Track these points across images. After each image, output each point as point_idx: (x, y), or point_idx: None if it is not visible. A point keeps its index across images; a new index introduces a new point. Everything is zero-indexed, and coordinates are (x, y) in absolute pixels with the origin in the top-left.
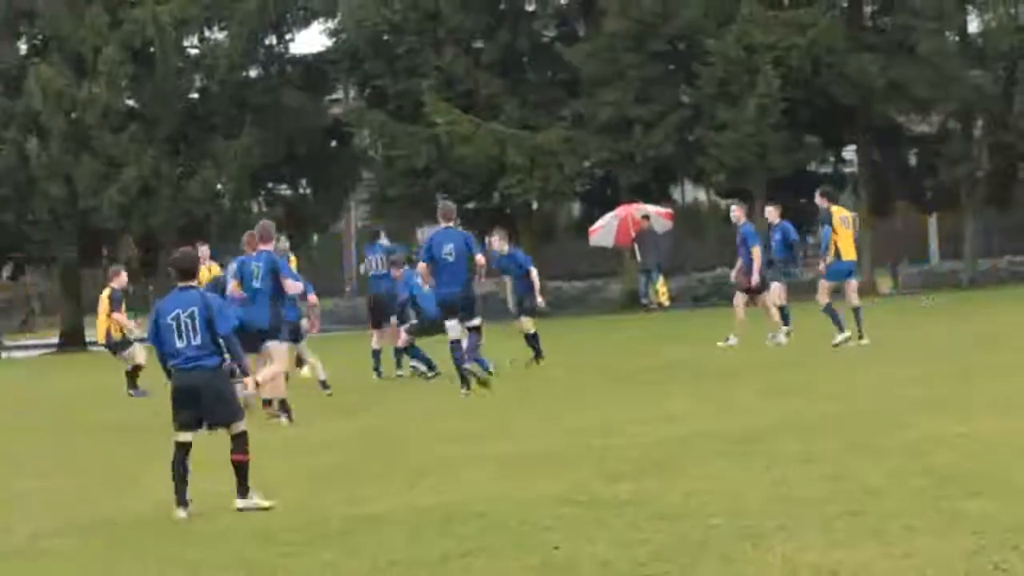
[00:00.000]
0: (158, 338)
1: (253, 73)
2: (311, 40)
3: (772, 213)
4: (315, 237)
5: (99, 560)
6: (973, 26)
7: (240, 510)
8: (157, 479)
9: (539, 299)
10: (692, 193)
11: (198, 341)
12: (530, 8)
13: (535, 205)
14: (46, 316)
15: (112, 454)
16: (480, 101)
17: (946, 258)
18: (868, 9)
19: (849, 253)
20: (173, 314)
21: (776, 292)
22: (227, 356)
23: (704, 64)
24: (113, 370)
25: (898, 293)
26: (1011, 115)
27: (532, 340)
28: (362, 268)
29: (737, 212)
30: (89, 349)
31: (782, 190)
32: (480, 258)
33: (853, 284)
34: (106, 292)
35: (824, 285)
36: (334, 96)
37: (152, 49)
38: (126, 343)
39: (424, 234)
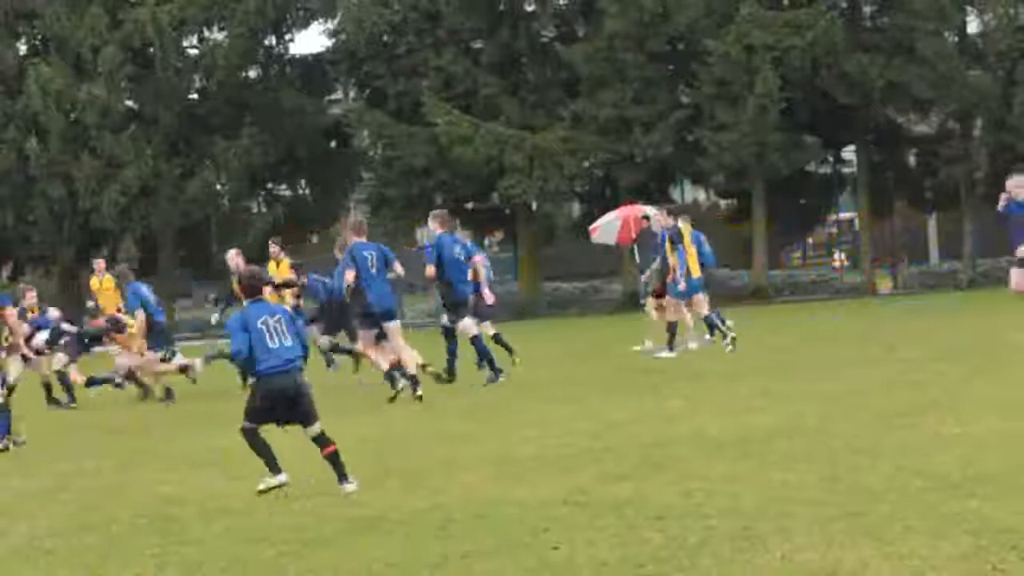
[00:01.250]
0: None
1: (252, 73)
2: (310, 40)
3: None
4: (314, 238)
5: (97, 560)
6: (973, 26)
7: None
8: (156, 477)
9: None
10: (691, 193)
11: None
12: (529, 8)
13: (535, 205)
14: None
15: (104, 453)
16: (479, 101)
17: (946, 258)
18: (867, 9)
19: (696, 270)
20: (262, 319)
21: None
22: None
23: (703, 64)
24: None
25: (899, 293)
26: (1011, 115)
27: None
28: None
29: (658, 217)
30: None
31: (781, 190)
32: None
33: (701, 297)
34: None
35: (677, 303)
36: (334, 96)
37: (152, 49)
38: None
39: (424, 235)
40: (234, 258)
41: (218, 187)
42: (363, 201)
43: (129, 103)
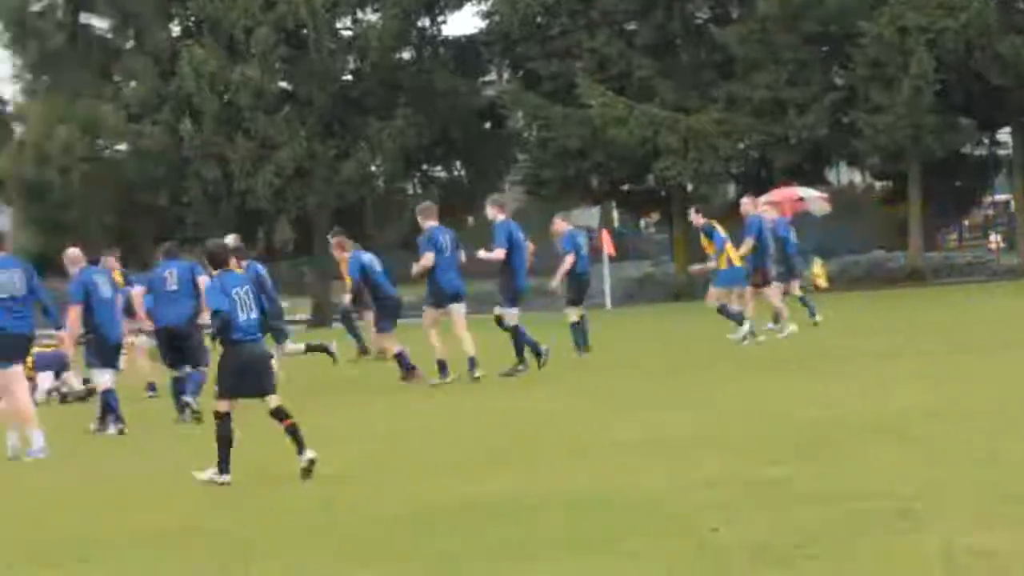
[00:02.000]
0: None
1: (406, 55)
2: (464, 22)
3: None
4: (470, 219)
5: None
6: None
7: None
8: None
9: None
10: (847, 175)
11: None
12: None
13: (690, 187)
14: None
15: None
16: (633, 83)
17: None
18: None
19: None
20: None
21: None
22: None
23: (857, 46)
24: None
25: None
26: None
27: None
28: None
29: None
30: None
31: (936, 172)
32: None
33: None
34: None
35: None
36: (487, 78)
37: (305, 31)
38: None
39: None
40: (337, 244)
41: (373, 168)
42: (518, 183)
43: (283, 84)
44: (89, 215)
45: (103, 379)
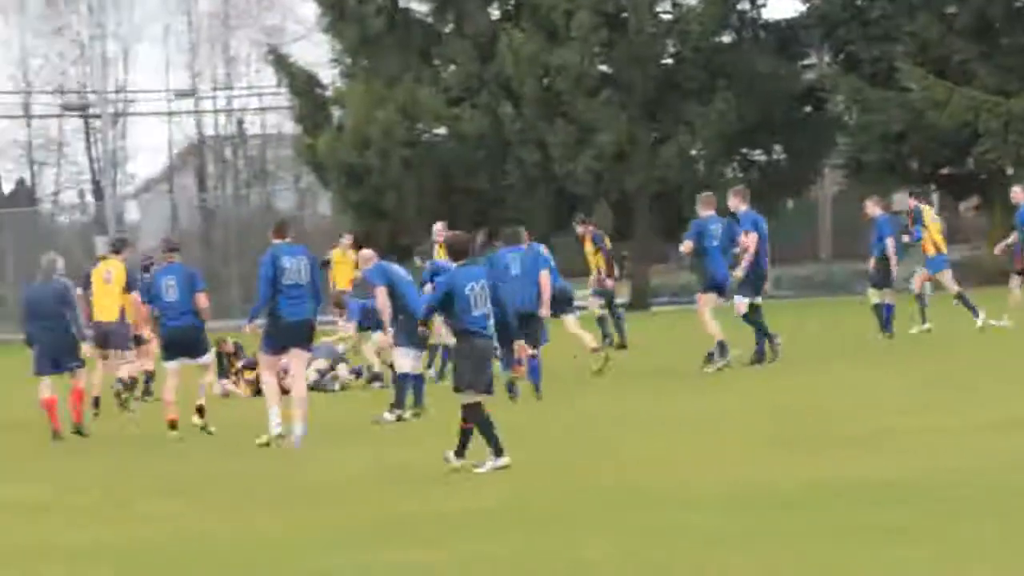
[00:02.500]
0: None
1: (726, 38)
2: (784, 6)
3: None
4: (789, 203)
5: None
6: None
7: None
8: None
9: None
10: None
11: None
12: None
13: (1010, 171)
14: None
15: None
16: (953, 67)
17: None
18: None
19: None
20: (469, 286)
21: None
22: None
23: None
24: None
25: None
26: None
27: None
28: None
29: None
30: None
31: None
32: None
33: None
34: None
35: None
36: (807, 62)
37: (625, 14)
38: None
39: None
40: (440, 232)
41: (693, 152)
42: (838, 166)
43: (602, 68)
44: (407, 199)
45: (404, 361)
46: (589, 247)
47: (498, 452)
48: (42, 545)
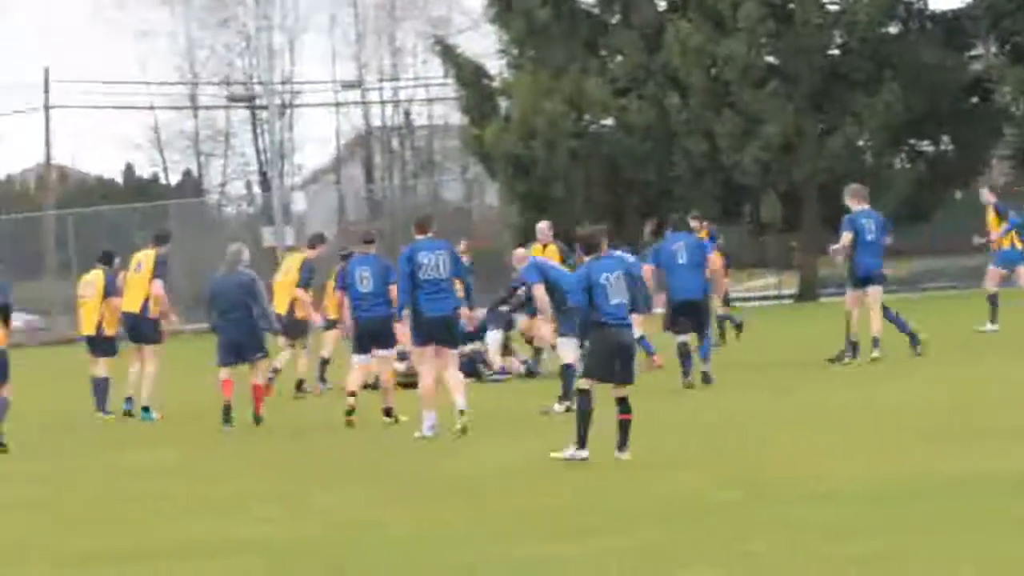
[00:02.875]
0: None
1: (893, 29)
2: None
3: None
4: (957, 194)
5: None
6: None
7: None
8: None
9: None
10: None
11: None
12: None
13: None
14: None
15: None
16: None
17: None
18: None
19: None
20: (604, 276)
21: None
22: None
23: None
24: None
25: None
26: None
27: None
28: None
29: None
30: (733, 306)
31: None
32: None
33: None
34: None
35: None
36: (974, 52)
37: (791, 5)
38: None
39: None
40: (545, 231)
41: (860, 143)
42: (1006, 157)
43: (769, 59)
44: (574, 190)
45: (569, 352)
46: None
47: (581, 444)
48: (203, 538)
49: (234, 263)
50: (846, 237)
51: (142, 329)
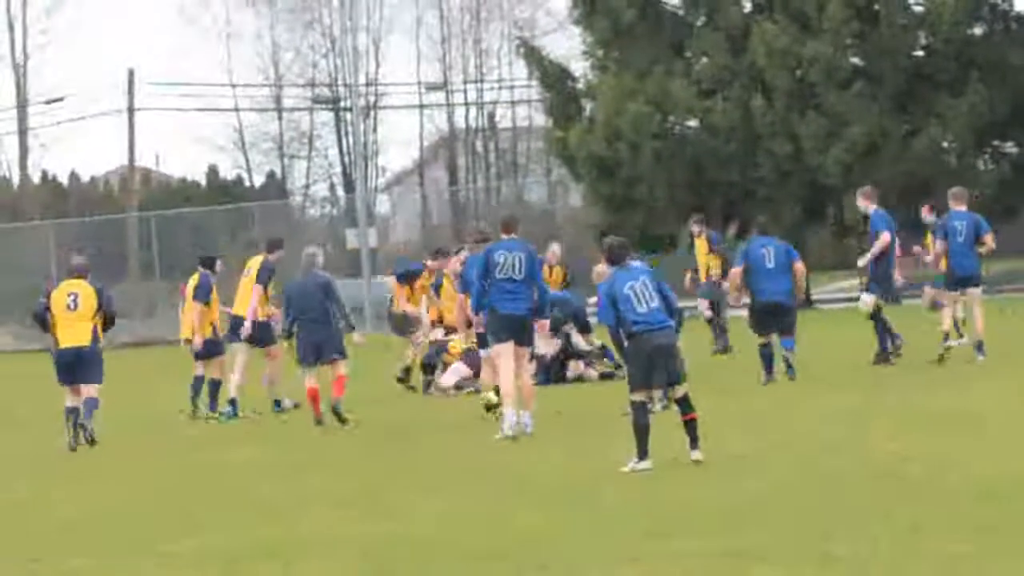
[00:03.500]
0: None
1: (978, 30)
2: None
3: None
4: None
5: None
6: None
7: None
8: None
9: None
10: None
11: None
12: None
13: None
14: None
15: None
16: None
17: None
18: None
19: None
20: (628, 285)
21: None
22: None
23: None
24: None
25: None
26: None
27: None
28: None
29: None
30: (816, 308)
31: None
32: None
33: None
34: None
35: None
36: None
37: (876, 6)
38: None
39: None
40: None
41: (944, 144)
42: None
43: (854, 60)
44: (658, 191)
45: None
46: (703, 247)
47: (642, 455)
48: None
49: (309, 266)
50: (939, 244)
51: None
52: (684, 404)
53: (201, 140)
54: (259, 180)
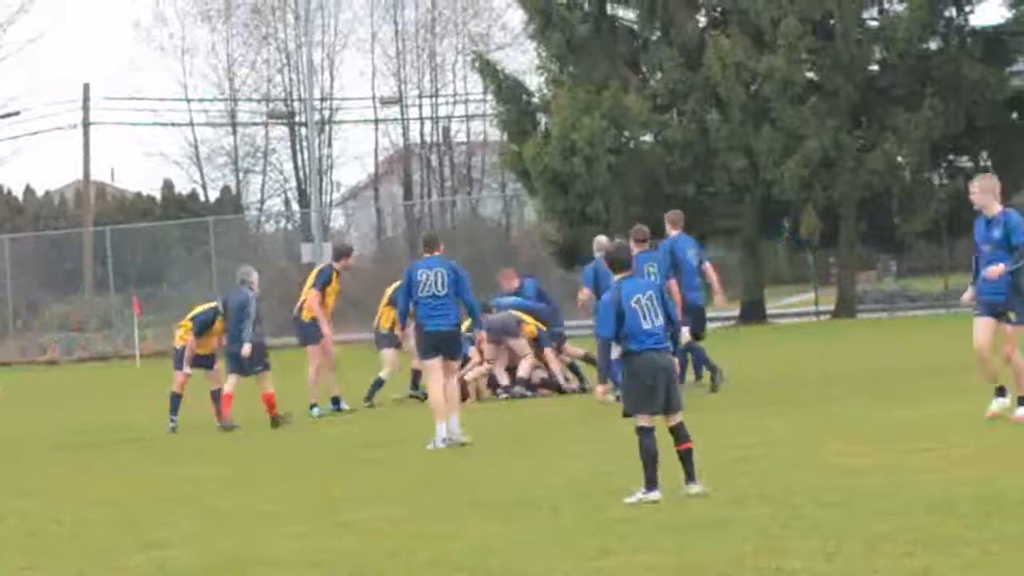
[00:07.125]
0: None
1: (933, 45)
2: (991, 12)
3: None
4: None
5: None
6: None
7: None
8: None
9: None
10: None
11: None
12: None
13: None
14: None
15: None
16: None
17: None
18: None
19: None
20: (635, 298)
21: None
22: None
23: None
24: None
25: None
26: None
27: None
28: None
29: None
30: (770, 322)
31: None
32: None
33: None
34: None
35: None
36: (1014, 68)
37: (832, 21)
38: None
39: None
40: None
41: (899, 159)
42: None
43: (809, 75)
44: (613, 206)
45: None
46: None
47: (651, 485)
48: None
49: (238, 283)
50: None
51: (302, 331)
52: (679, 432)
53: (156, 155)
54: (214, 195)
